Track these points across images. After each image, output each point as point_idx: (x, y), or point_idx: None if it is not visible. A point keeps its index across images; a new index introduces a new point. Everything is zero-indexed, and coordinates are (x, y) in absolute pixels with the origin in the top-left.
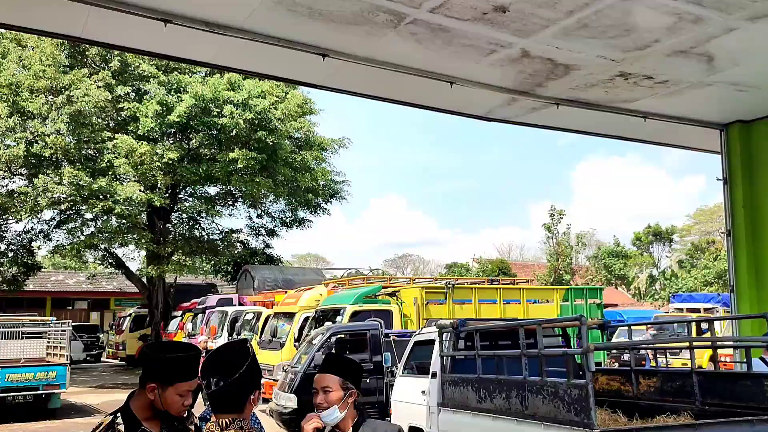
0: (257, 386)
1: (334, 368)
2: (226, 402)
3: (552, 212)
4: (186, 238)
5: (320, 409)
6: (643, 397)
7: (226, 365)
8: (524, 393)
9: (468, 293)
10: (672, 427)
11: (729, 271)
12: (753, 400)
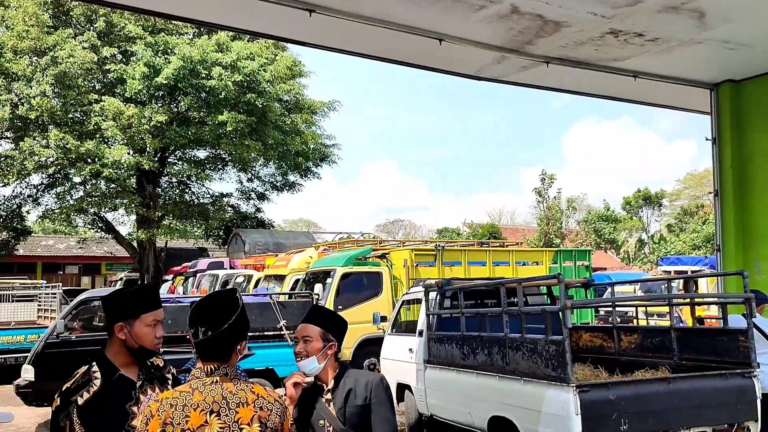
0: (244, 337)
1: (316, 319)
2: (213, 351)
3: (543, 177)
4: (176, 202)
5: (299, 357)
6: (624, 353)
7: (215, 315)
8: (505, 350)
9: (457, 255)
10: (646, 381)
11: (716, 231)
12: (728, 354)
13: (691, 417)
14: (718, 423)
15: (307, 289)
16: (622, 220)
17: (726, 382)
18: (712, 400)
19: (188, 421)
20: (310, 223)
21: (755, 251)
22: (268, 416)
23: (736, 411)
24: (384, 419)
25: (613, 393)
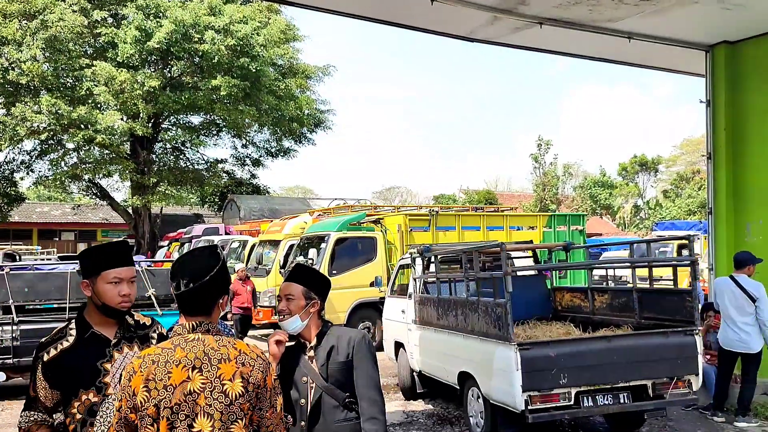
0: (226, 291)
1: (299, 278)
2: (195, 304)
3: (539, 142)
4: (170, 168)
5: (281, 315)
6: (597, 312)
7: (197, 268)
8: (466, 311)
9: (452, 220)
10: (585, 339)
11: (708, 193)
12: (677, 313)
13: (629, 371)
14: (657, 377)
15: (301, 254)
16: (618, 186)
17: (666, 339)
18: (652, 355)
19: (170, 377)
20: (306, 190)
21: (746, 214)
22: (250, 372)
23: (675, 366)
24: (366, 375)
25: (552, 350)
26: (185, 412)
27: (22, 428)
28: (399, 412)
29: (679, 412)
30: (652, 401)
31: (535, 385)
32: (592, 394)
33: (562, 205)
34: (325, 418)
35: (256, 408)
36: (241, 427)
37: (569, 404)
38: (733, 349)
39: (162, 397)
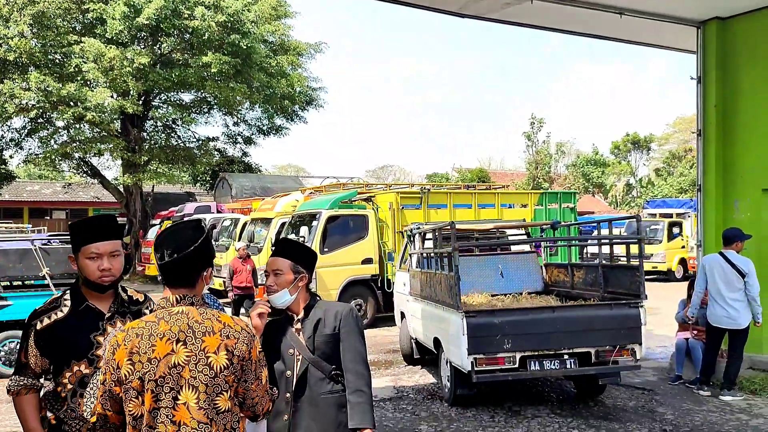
0: (210, 263)
1: (286, 252)
2: (179, 275)
3: (532, 120)
4: (162, 147)
5: (270, 291)
6: (575, 287)
7: (180, 239)
8: (434, 283)
9: (443, 198)
10: (530, 309)
11: (697, 170)
12: (629, 287)
13: (573, 339)
14: (600, 345)
15: (293, 231)
16: (610, 165)
17: (611, 311)
18: (595, 326)
19: (154, 350)
20: (299, 169)
21: (735, 191)
22: (234, 344)
23: (618, 336)
24: (353, 348)
25: (498, 318)
26: (170, 384)
27: (12, 391)
28: (389, 388)
29: (666, 386)
30: (596, 367)
31: (480, 348)
32: (539, 359)
33: (554, 183)
34: (311, 390)
35: (241, 380)
36: (226, 399)
37: (514, 367)
38: (720, 325)
39: (146, 370)
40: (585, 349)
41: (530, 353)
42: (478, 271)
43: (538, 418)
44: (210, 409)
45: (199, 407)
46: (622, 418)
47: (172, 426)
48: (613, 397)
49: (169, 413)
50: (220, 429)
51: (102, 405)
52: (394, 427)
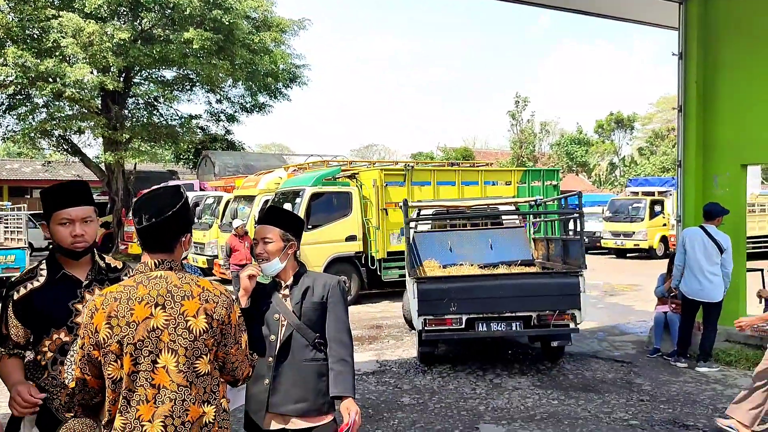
0: (188, 230)
1: (275, 220)
2: (157, 240)
3: (517, 99)
4: (144, 124)
5: (260, 259)
6: (550, 258)
7: (159, 204)
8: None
9: (427, 175)
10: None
11: (677, 146)
12: (576, 258)
13: (515, 304)
14: (540, 310)
15: None
16: (594, 144)
17: (551, 280)
18: (536, 292)
19: (133, 314)
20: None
21: (714, 166)
22: (213, 308)
23: (558, 302)
24: (338, 319)
25: (445, 285)
26: (149, 348)
27: None
28: (372, 362)
29: (644, 359)
30: (537, 329)
31: (429, 311)
32: (486, 321)
33: (538, 162)
34: (293, 355)
35: (220, 344)
36: (206, 362)
37: (461, 328)
38: (696, 298)
39: (125, 334)
40: (526, 313)
41: (475, 316)
42: (470, 245)
43: (519, 390)
44: (189, 373)
45: (178, 370)
46: (601, 390)
47: (151, 389)
48: (592, 370)
49: (148, 376)
50: (200, 392)
51: (81, 369)
52: (377, 399)
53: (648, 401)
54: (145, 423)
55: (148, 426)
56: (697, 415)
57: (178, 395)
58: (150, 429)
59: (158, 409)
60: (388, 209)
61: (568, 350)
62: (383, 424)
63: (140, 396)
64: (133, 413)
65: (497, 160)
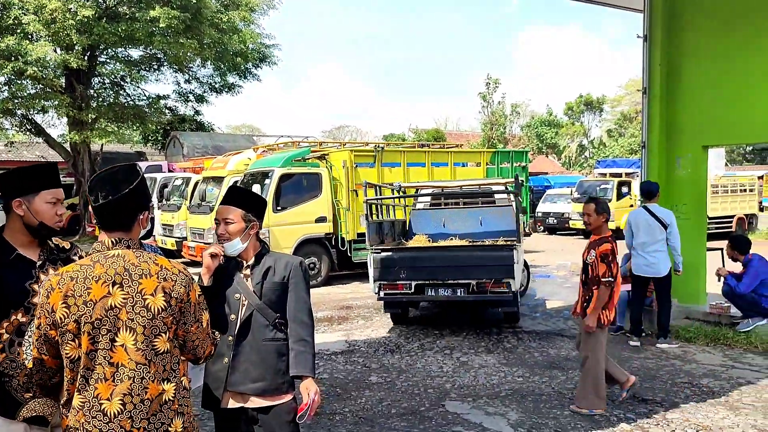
0: (146, 207)
1: (236, 200)
2: (115, 218)
3: (488, 81)
4: (110, 104)
5: (222, 239)
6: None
7: (116, 181)
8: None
9: (397, 156)
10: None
11: (642, 127)
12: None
13: (456, 273)
14: (479, 278)
15: None
16: (564, 126)
17: (487, 252)
18: (475, 263)
19: (90, 292)
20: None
21: (678, 148)
22: (172, 286)
23: (494, 271)
24: (299, 299)
25: (396, 255)
26: (107, 326)
27: None
28: (341, 342)
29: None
30: (477, 295)
31: (383, 277)
32: (434, 287)
33: (509, 144)
34: (253, 335)
35: (180, 322)
36: (165, 340)
37: (411, 292)
38: (643, 274)
39: (82, 313)
40: (466, 280)
41: (423, 282)
42: (461, 221)
43: (485, 368)
44: (148, 351)
45: (137, 349)
46: (565, 367)
47: (110, 367)
48: (557, 348)
49: (106, 355)
50: (159, 370)
51: (38, 349)
52: (345, 378)
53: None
54: (104, 401)
55: (106, 404)
56: (656, 389)
57: (136, 373)
58: (109, 407)
59: (117, 387)
60: (358, 190)
61: (534, 329)
62: (350, 402)
63: (99, 374)
64: (92, 392)
65: (468, 142)
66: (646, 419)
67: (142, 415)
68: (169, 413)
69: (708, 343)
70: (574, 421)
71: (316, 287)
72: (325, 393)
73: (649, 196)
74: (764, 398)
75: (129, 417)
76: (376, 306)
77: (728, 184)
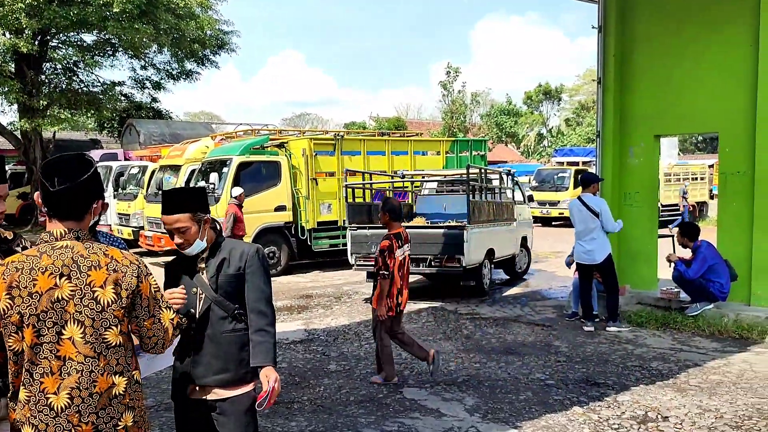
0: (100, 196)
1: (178, 205)
2: (67, 207)
3: (448, 70)
4: (63, 90)
5: (184, 247)
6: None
7: (70, 169)
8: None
9: (357, 145)
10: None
11: (597, 117)
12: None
13: (417, 249)
14: (435, 254)
15: (203, 179)
16: (523, 115)
17: (441, 231)
18: (431, 241)
19: (36, 284)
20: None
21: (630, 137)
22: (122, 278)
23: (445, 248)
24: (257, 288)
25: (368, 232)
26: (53, 319)
27: None
28: (300, 331)
29: (563, 322)
30: (433, 267)
31: (357, 251)
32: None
33: (469, 133)
34: (213, 328)
35: (132, 315)
36: (116, 333)
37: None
38: (582, 261)
39: (27, 305)
40: (425, 255)
41: None
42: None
43: (443, 354)
44: (98, 344)
45: (85, 341)
46: (522, 352)
47: (56, 361)
48: (514, 334)
49: (53, 348)
50: (110, 363)
51: None
52: (304, 367)
53: (564, 362)
54: (51, 395)
55: (53, 398)
56: (608, 373)
57: (85, 366)
58: (55, 401)
59: (64, 381)
60: (318, 179)
61: (491, 315)
62: (309, 391)
63: (44, 368)
64: (38, 386)
65: (429, 131)
66: (598, 402)
67: (90, 409)
68: (120, 407)
69: (658, 328)
70: (529, 405)
71: (276, 276)
72: (284, 382)
73: (583, 186)
74: (710, 380)
75: (77, 411)
76: (335, 295)
77: (680, 173)
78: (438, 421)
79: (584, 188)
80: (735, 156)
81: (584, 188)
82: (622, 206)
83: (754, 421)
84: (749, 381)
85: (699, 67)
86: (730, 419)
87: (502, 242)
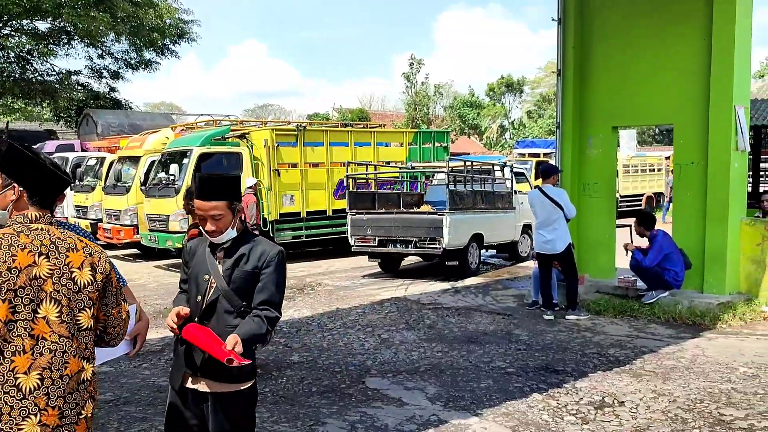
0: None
1: (216, 192)
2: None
3: (411, 62)
4: (16, 80)
5: (214, 234)
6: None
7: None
8: None
9: (319, 136)
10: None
11: (556, 109)
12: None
13: (404, 231)
14: (419, 236)
15: (163, 170)
16: (485, 107)
17: (423, 216)
18: (417, 225)
19: (15, 260)
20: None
21: (589, 128)
22: (98, 261)
23: (427, 231)
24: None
25: (365, 216)
26: (29, 296)
27: None
28: None
29: (524, 311)
30: (417, 248)
31: (356, 233)
32: (392, 242)
33: (432, 124)
34: (217, 320)
35: (102, 301)
36: (88, 316)
37: (375, 245)
38: (542, 251)
39: (5, 279)
40: (411, 238)
41: (383, 238)
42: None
43: (405, 344)
44: (72, 324)
45: (60, 321)
46: (483, 341)
47: (30, 339)
48: (476, 323)
49: (27, 326)
50: (81, 347)
51: None
52: (266, 359)
53: (524, 350)
54: (20, 375)
55: (23, 378)
56: (567, 360)
57: (58, 346)
58: (25, 381)
59: (36, 360)
60: (280, 170)
61: (454, 305)
62: (272, 382)
63: (17, 346)
64: (8, 365)
65: (392, 122)
66: (557, 389)
67: (59, 392)
68: (85, 394)
69: (616, 315)
70: (490, 393)
71: None
72: None
73: (543, 177)
74: (664, 365)
75: (45, 393)
76: (298, 286)
77: (638, 165)
78: (400, 409)
79: (544, 179)
80: (689, 147)
81: (544, 179)
82: (581, 197)
83: (706, 404)
84: (701, 366)
85: (655, 61)
86: (683, 402)
87: (494, 228)
